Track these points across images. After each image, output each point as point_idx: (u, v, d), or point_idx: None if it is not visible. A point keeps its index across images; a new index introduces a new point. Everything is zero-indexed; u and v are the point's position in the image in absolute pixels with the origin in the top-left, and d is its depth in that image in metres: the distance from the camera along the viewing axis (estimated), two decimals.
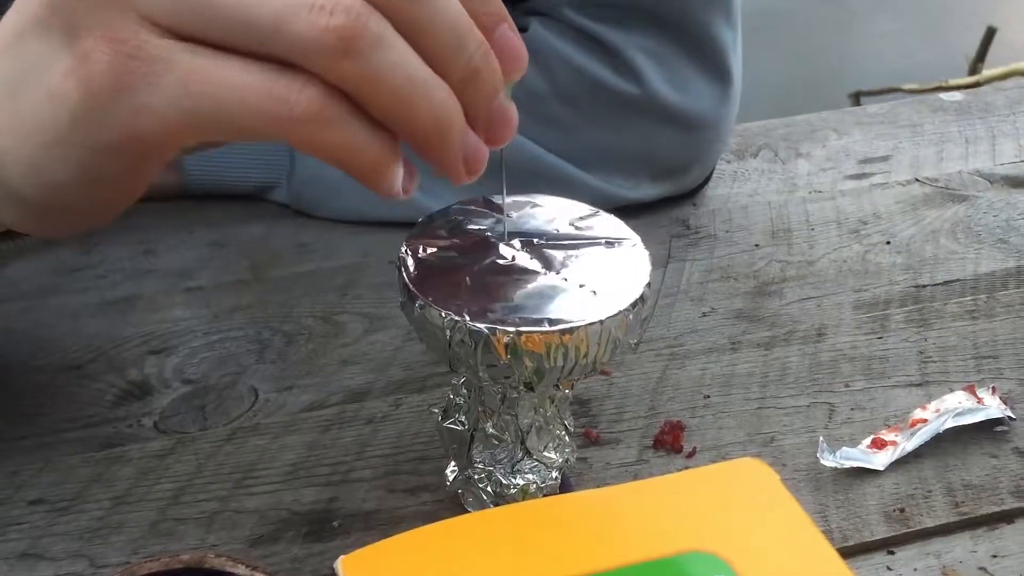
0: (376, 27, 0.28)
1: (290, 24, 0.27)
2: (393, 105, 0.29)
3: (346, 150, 0.29)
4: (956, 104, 0.71)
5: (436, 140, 0.30)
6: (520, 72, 0.32)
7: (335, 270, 0.54)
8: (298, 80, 0.28)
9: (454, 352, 0.34)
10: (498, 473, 0.37)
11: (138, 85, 0.28)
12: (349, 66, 0.28)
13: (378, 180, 0.30)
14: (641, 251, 0.36)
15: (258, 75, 0.28)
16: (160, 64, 0.28)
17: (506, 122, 0.32)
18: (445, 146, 0.30)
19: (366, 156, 0.30)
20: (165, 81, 0.28)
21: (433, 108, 0.29)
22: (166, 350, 0.48)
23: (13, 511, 0.39)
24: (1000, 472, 0.41)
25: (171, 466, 0.41)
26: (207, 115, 0.28)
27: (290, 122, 0.28)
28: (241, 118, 0.28)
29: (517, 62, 0.32)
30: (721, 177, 0.63)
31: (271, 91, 0.28)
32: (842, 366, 0.47)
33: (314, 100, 0.28)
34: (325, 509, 0.39)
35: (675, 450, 0.42)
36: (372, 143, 0.29)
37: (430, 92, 0.29)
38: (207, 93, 0.28)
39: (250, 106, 0.28)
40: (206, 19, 0.28)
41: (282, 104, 0.28)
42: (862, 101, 2.35)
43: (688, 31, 0.55)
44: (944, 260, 0.55)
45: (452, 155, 0.31)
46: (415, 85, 0.29)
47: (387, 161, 0.30)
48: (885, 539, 0.38)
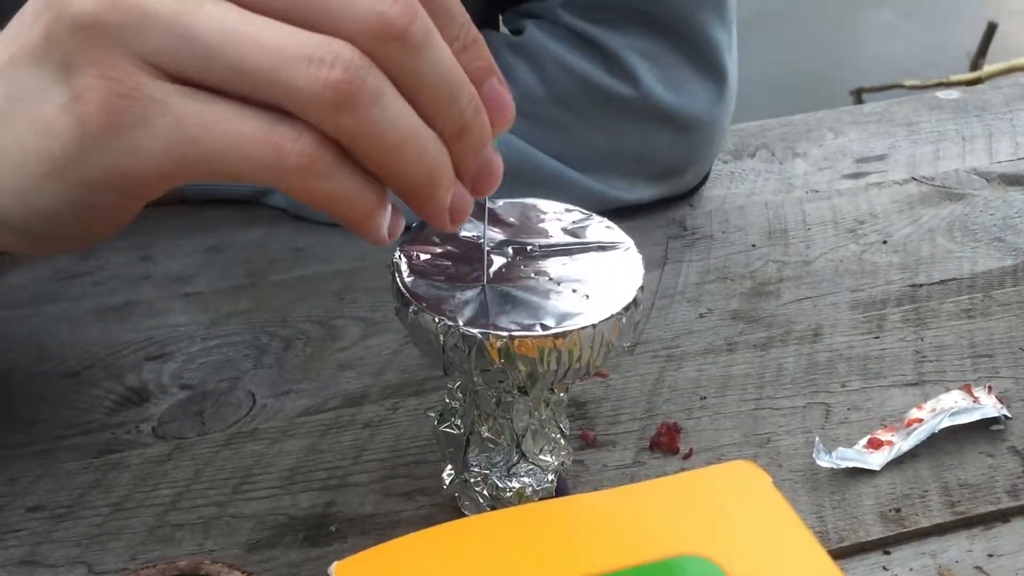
0: (374, 82, 0.28)
1: (289, 76, 0.28)
2: (386, 159, 0.29)
3: (336, 200, 0.29)
4: (953, 102, 0.71)
5: (425, 193, 0.30)
6: (507, 126, 0.32)
7: (332, 274, 0.54)
8: (294, 130, 0.28)
9: (448, 357, 0.34)
10: (494, 476, 0.37)
11: (132, 126, 0.28)
12: (346, 120, 0.28)
13: (365, 229, 0.31)
14: (634, 255, 0.37)
15: (254, 122, 0.28)
16: (155, 106, 0.28)
17: (492, 174, 0.32)
18: (433, 198, 0.31)
19: (355, 207, 0.30)
20: (160, 123, 0.28)
21: (425, 162, 0.30)
22: (164, 356, 0.48)
23: (12, 517, 0.39)
24: (996, 471, 0.41)
25: (169, 472, 0.42)
26: (200, 159, 0.28)
27: (282, 171, 0.28)
28: (233, 164, 0.28)
29: (505, 115, 0.32)
30: (718, 177, 0.63)
31: (267, 140, 0.28)
32: (838, 366, 0.47)
33: (308, 151, 0.28)
34: (322, 514, 0.40)
35: (672, 452, 0.43)
36: (362, 194, 0.30)
37: (423, 146, 0.30)
38: (201, 138, 0.28)
39: (244, 153, 0.28)
40: (205, 64, 0.28)
41: (276, 153, 0.28)
42: (863, 98, 2.35)
43: (682, 32, 0.55)
44: (941, 259, 0.55)
45: (439, 206, 0.31)
46: (409, 140, 0.29)
47: (375, 211, 0.30)
48: (881, 539, 0.39)
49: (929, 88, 2.29)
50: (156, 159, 0.28)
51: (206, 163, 0.29)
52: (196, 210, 0.59)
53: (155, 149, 0.28)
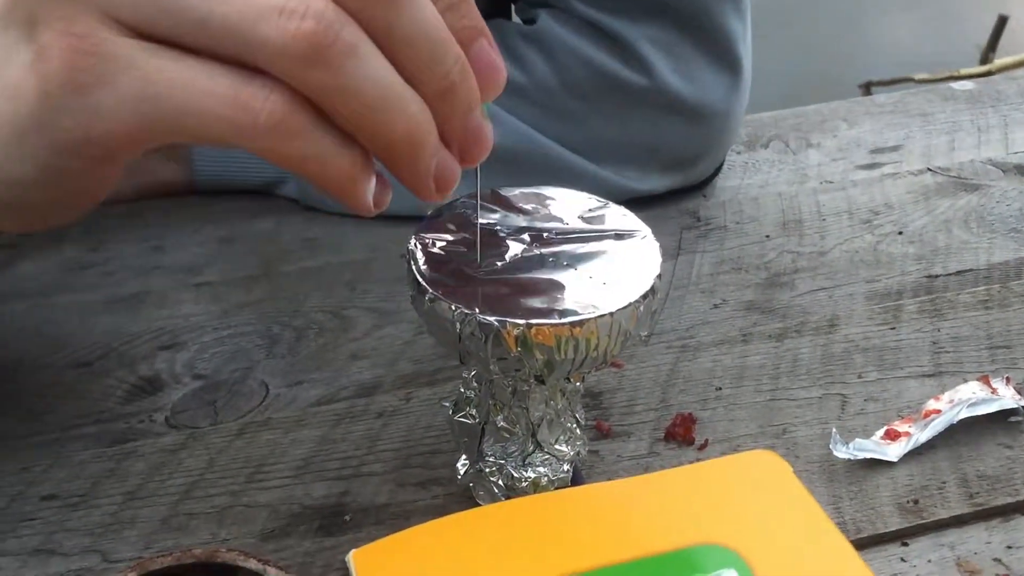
0: (349, 36, 0.27)
1: (258, 28, 0.26)
2: (364, 118, 0.28)
3: (312, 162, 0.28)
4: (967, 93, 0.71)
5: (407, 156, 0.29)
6: (497, 90, 0.31)
7: (344, 265, 0.54)
8: (264, 88, 0.27)
9: (464, 345, 0.34)
10: (509, 466, 0.37)
11: (95, 84, 0.27)
12: (318, 75, 0.27)
13: (347, 194, 0.29)
14: (651, 243, 0.36)
15: (222, 80, 0.27)
16: (119, 63, 0.27)
17: (480, 140, 0.31)
18: (416, 162, 0.29)
19: (333, 169, 0.29)
20: (123, 81, 0.27)
21: (406, 123, 0.28)
22: (176, 345, 0.48)
23: (26, 507, 0.39)
24: (1014, 463, 0.41)
25: (183, 461, 0.41)
26: (166, 119, 0.27)
27: (253, 130, 0.27)
28: (202, 124, 0.27)
29: (495, 79, 0.30)
30: (732, 168, 0.62)
31: (235, 98, 0.27)
32: (855, 357, 0.47)
33: (278, 109, 0.27)
34: (336, 503, 0.39)
35: (687, 442, 0.42)
36: (340, 156, 0.28)
37: (403, 106, 0.28)
38: (167, 96, 0.27)
39: (212, 112, 0.27)
40: (170, 18, 0.27)
41: (245, 112, 0.27)
42: (873, 91, 2.34)
43: (697, 21, 0.55)
44: (957, 250, 0.54)
45: (423, 172, 0.30)
46: (388, 98, 0.28)
47: (356, 175, 0.29)
48: (899, 531, 0.38)
49: (939, 81, 2.28)
50: (121, 119, 0.27)
51: (173, 123, 0.27)
52: (207, 201, 0.59)
53: (120, 109, 0.27)
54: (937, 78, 2.30)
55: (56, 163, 0.29)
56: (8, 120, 0.28)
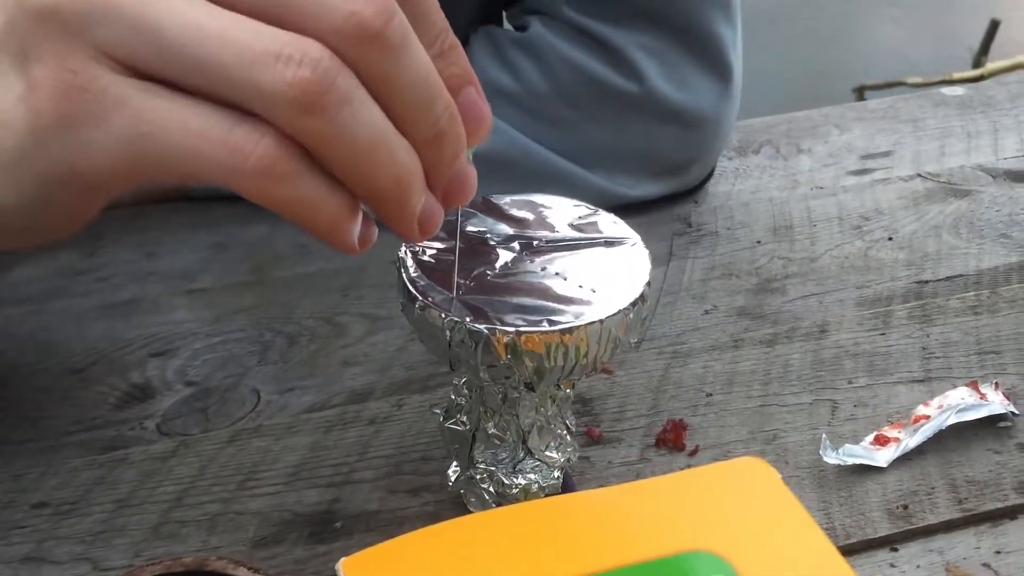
0: (344, 84, 0.27)
1: (254, 73, 0.26)
2: (354, 164, 0.28)
3: (300, 206, 0.28)
4: (958, 98, 0.71)
5: (394, 201, 0.29)
6: (483, 137, 0.31)
7: (337, 271, 0.54)
8: (256, 131, 0.27)
9: (454, 353, 0.34)
10: (500, 473, 0.37)
11: (86, 120, 0.27)
12: (312, 123, 0.27)
13: (333, 238, 0.29)
14: (641, 250, 0.36)
15: (214, 121, 0.27)
16: (111, 100, 0.27)
17: (465, 186, 0.31)
18: (403, 207, 0.29)
19: (322, 214, 0.29)
20: (115, 119, 0.27)
21: (395, 169, 0.29)
22: (168, 352, 0.48)
23: (17, 514, 0.39)
24: (1003, 468, 0.41)
25: (174, 468, 0.41)
26: (156, 158, 0.27)
27: (242, 173, 0.27)
28: (192, 164, 0.27)
29: (481, 126, 0.31)
30: (723, 174, 0.63)
31: (226, 140, 0.27)
32: (845, 363, 0.47)
33: (269, 153, 0.27)
34: (327, 510, 0.39)
35: (678, 448, 0.42)
36: (327, 201, 0.28)
37: (393, 153, 0.28)
38: (158, 136, 0.27)
39: (202, 153, 0.27)
40: (166, 58, 0.27)
41: (236, 155, 0.27)
42: (866, 95, 2.35)
43: (687, 28, 0.55)
44: (947, 255, 0.55)
45: (408, 216, 0.30)
46: (378, 145, 0.28)
47: (343, 219, 0.29)
48: (888, 536, 0.38)
49: (932, 86, 2.28)
50: (110, 156, 0.27)
51: (163, 162, 0.27)
52: (201, 207, 0.59)
53: (109, 145, 0.27)
54: (930, 82, 2.31)
55: (41, 193, 0.29)
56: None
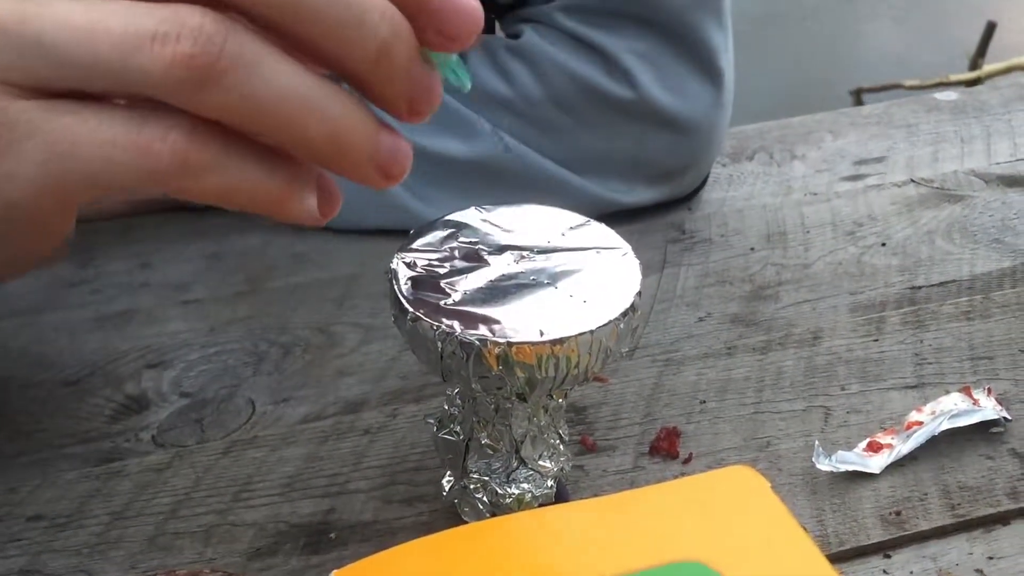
0: (233, 46, 0.25)
1: (135, 60, 0.24)
2: (275, 130, 0.26)
3: (233, 194, 0.26)
4: (951, 104, 0.71)
5: (335, 156, 0.27)
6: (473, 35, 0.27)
7: (331, 281, 0.54)
8: (161, 126, 0.25)
9: (446, 364, 0.34)
10: (493, 483, 0.37)
11: (3, 153, 0.26)
12: (210, 98, 0.25)
13: (283, 214, 0.27)
14: (632, 260, 0.37)
15: (120, 126, 0.25)
16: (21, 128, 0.26)
17: (428, 92, 0.27)
18: (349, 160, 0.27)
19: (262, 195, 0.27)
20: (28, 146, 0.26)
21: (323, 125, 0.26)
22: (163, 363, 0.48)
23: (12, 527, 0.39)
24: (996, 474, 0.41)
25: (169, 480, 0.42)
26: (76, 176, 0.26)
27: (161, 174, 0.25)
28: (111, 174, 0.26)
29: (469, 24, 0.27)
30: (717, 181, 0.63)
31: (134, 143, 0.25)
32: (838, 369, 0.47)
33: (181, 147, 0.25)
34: (322, 521, 0.40)
35: (671, 456, 0.43)
36: (263, 179, 0.26)
37: (316, 105, 0.26)
38: (71, 154, 0.26)
39: (117, 162, 0.25)
40: (59, 70, 0.25)
41: (148, 156, 0.25)
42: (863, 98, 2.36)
43: (679, 34, 0.55)
44: (940, 261, 0.55)
45: (360, 167, 0.27)
46: (295, 102, 0.25)
47: (288, 195, 0.27)
48: (881, 542, 0.38)
49: (929, 88, 2.29)
50: (34, 183, 0.26)
51: (85, 179, 0.26)
52: (195, 217, 0.59)
53: (30, 173, 0.26)
54: (927, 84, 2.31)
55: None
56: None
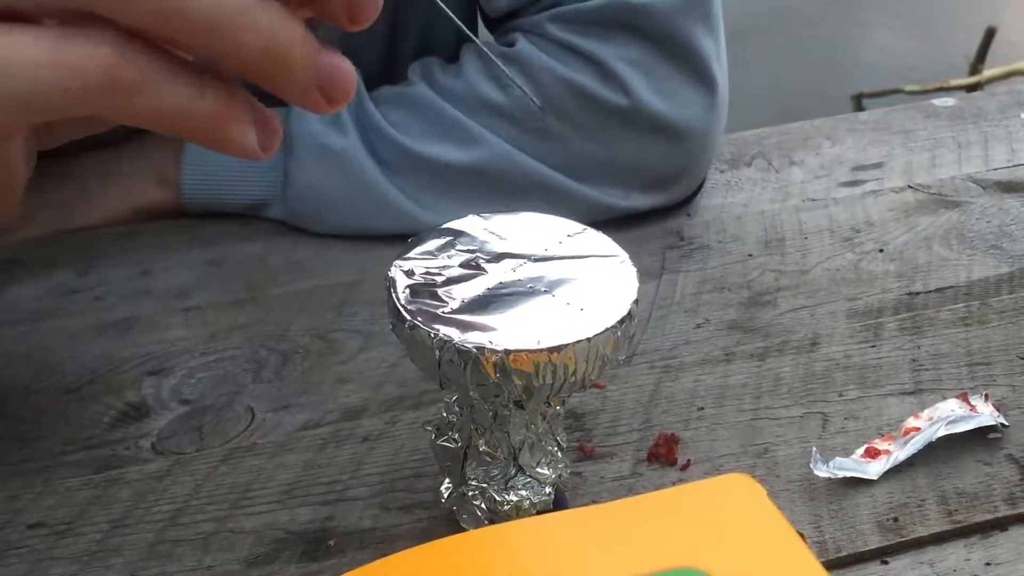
0: None
1: None
2: (207, 44, 0.25)
3: (168, 115, 0.25)
4: (949, 110, 0.71)
5: (272, 72, 0.25)
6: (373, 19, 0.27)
7: (331, 288, 0.54)
8: (89, 42, 0.24)
9: (444, 372, 0.34)
10: (492, 490, 0.37)
11: None
12: (137, 7, 0.24)
13: (220, 143, 0.26)
14: (629, 268, 0.37)
15: (46, 42, 0.24)
16: None
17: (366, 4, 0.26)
18: (287, 77, 0.26)
19: (196, 118, 0.25)
20: None
21: (257, 37, 0.25)
22: (163, 371, 0.48)
23: (13, 535, 0.40)
24: (993, 479, 0.41)
25: (168, 487, 0.42)
26: (14, 99, 0.25)
27: (89, 94, 0.24)
28: (42, 97, 0.24)
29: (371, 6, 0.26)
30: (715, 187, 0.63)
31: (59, 60, 0.24)
32: (835, 375, 0.47)
33: (110, 63, 0.24)
34: (321, 528, 0.40)
35: (669, 463, 0.43)
36: (197, 103, 0.25)
37: (250, 17, 0.25)
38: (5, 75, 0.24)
39: (44, 83, 0.24)
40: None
41: (76, 74, 0.24)
42: (864, 102, 2.36)
43: (669, 42, 0.55)
44: (937, 267, 0.55)
45: (300, 86, 0.26)
46: (227, 13, 0.24)
47: (225, 119, 0.26)
48: (879, 548, 0.39)
49: (929, 92, 2.29)
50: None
51: (22, 102, 0.25)
52: (195, 224, 0.60)
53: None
54: (927, 89, 2.31)
55: None
56: None
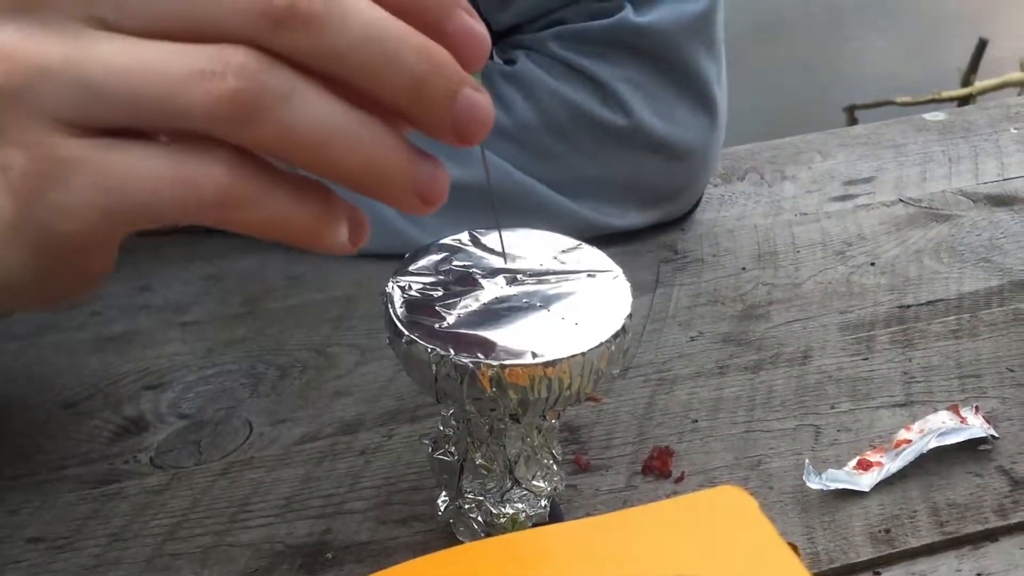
0: (275, 83, 0.26)
1: (182, 96, 0.26)
2: (314, 162, 0.27)
3: (270, 226, 0.27)
4: (939, 124, 0.72)
5: (373, 186, 0.28)
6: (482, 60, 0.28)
7: (328, 302, 0.55)
8: (204, 161, 0.26)
9: (440, 386, 0.34)
10: (488, 503, 0.38)
11: (53, 188, 0.27)
12: (254, 132, 0.26)
13: (316, 245, 0.28)
14: (623, 283, 0.37)
15: (164, 161, 0.26)
16: (70, 166, 0.27)
17: (476, 118, 0.28)
18: (387, 189, 0.28)
19: (296, 227, 0.28)
20: (77, 182, 0.27)
21: (362, 154, 0.27)
22: (161, 385, 0.49)
23: (12, 549, 0.40)
24: (984, 491, 0.42)
25: (167, 501, 0.42)
26: (126, 210, 0.27)
27: (203, 207, 0.27)
28: (157, 208, 0.27)
29: (479, 49, 0.28)
30: (709, 201, 0.63)
31: (177, 178, 0.26)
32: (828, 388, 0.48)
33: (223, 181, 0.26)
34: (319, 541, 0.40)
35: (664, 475, 0.43)
36: (298, 212, 0.27)
37: (354, 137, 0.27)
38: (118, 188, 0.27)
39: (161, 196, 0.27)
40: (107, 108, 0.26)
41: (191, 190, 0.26)
42: (856, 115, 2.37)
43: (671, 64, 0.56)
44: (928, 280, 0.55)
45: (397, 195, 0.28)
46: (334, 135, 0.26)
47: (321, 225, 0.28)
48: (871, 560, 0.39)
49: (921, 104, 2.30)
50: (82, 217, 0.27)
51: (131, 212, 0.27)
52: (193, 239, 0.60)
53: (80, 207, 0.27)
54: (919, 101, 2.33)
55: (40, 259, 0.29)
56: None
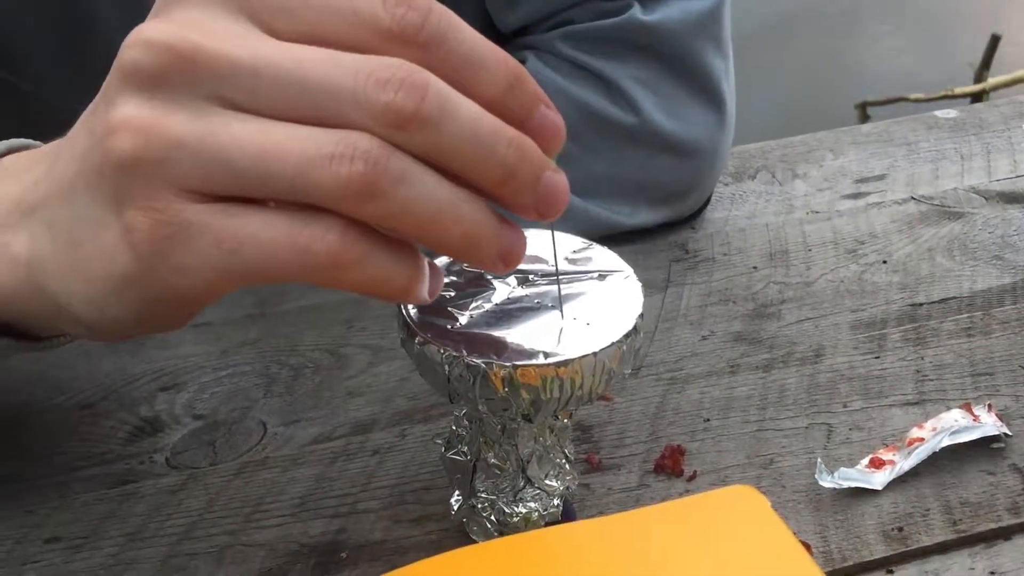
0: (396, 166, 0.29)
1: (312, 177, 0.29)
2: (419, 234, 0.30)
3: (372, 284, 0.31)
4: (951, 121, 0.72)
5: (468, 253, 0.31)
6: (559, 147, 0.32)
7: (340, 303, 0.55)
8: (320, 227, 0.29)
9: (453, 386, 0.35)
10: (501, 502, 0.38)
11: (176, 249, 0.30)
12: (373, 207, 0.29)
13: (404, 300, 0.32)
14: (634, 283, 0.37)
15: (282, 227, 0.30)
16: (194, 229, 0.30)
17: (556, 198, 0.32)
18: (478, 255, 0.31)
19: (391, 286, 0.31)
20: (199, 244, 0.30)
21: (460, 229, 0.30)
22: (176, 386, 0.49)
23: (30, 549, 0.40)
24: (997, 489, 0.42)
25: (183, 501, 0.42)
26: (241, 270, 0.30)
27: (315, 269, 0.30)
28: (269, 269, 0.30)
29: (557, 139, 0.32)
30: (719, 200, 0.63)
31: (294, 243, 0.29)
32: (840, 386, 0.48)
33: (336, 247, 0.29)
34: (333, 541, 0.40)
35: (676, 474, 0.43)
36: (396, 272, 0.31)
37: (457, 213, 0.30)
38: (236, 251, 0.30)
39: (277, 258, 0.30)
40: (236, 181, 0.30)
41: (306, 254, 0.29)
42: (868, 111, 2.36)
43: (680, 61, 0.56)
44: (940, 278, 0.55)
45: (486, 260, 0.31)
46: (442, 211, 0.30)
47: (412, 284, 0.31)
48: (884, 558, 0.39)
49: (934, 100, 2.30)
50: (202, 275, 0.30)
51: (246, 272, 0.30)
52: None
53: (200, 267, 0.30)
54: (932, 97, 2.32)
55: (147, 310, 0.33)
56: (105, 277, 0.32)
